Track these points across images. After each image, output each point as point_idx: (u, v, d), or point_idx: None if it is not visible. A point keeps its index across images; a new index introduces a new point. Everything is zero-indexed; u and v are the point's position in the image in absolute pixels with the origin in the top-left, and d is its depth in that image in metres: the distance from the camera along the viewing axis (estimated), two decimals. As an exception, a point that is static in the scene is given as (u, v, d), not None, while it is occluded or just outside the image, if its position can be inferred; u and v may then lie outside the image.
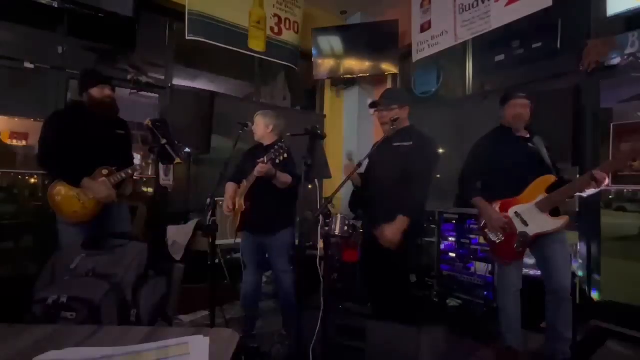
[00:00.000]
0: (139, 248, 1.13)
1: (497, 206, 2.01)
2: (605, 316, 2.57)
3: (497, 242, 2.00)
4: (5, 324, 0.86)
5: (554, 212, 1.89)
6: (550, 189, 1.87)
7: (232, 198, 2.27)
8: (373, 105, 2.09)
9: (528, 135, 2.02)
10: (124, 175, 2.00)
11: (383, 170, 2.01)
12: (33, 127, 4.02)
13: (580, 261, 2.67)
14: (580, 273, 2.65)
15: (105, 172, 1.98)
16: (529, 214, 1.90)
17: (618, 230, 3.17)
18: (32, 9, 2.79)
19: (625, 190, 3.18)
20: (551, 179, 1.87)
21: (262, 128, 2.31)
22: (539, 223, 1.88)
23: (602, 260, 2.63)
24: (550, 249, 1.90)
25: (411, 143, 1.95)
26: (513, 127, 2.01)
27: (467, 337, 2.46)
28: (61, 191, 1.96)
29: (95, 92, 2.04)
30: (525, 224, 1.91)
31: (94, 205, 1.96)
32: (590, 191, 1.79)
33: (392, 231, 1.80)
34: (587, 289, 2.64)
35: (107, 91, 2.04)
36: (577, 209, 2.71)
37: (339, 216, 3.09)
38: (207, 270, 1.86)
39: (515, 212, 1.93)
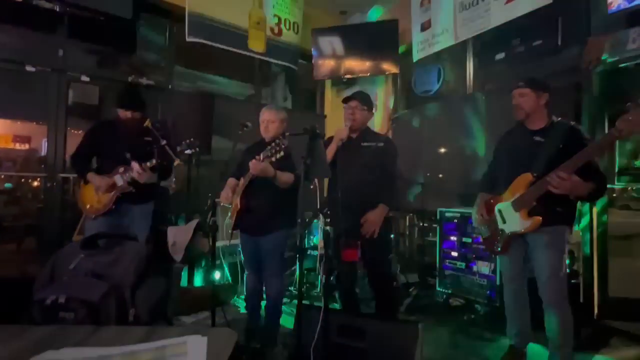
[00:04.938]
0: (138, 248, 1.13)
1: (487, 203, 2.00)
2: (610, 315, 2.55)
3: (483, 237, 2.06)
4: (2, 324, 0.86)
5: (544, 211, 1.74)
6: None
7: (232, 189, 2.26)
8: (348, 99, 2.26)
9: (542, 127, 1.84)
10: (132, 173, 2.19)
11: (356, 167, 2.16)
12: (36, 131, 4.05)
13: (581, 262, 2.65)
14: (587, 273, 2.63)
15: (121, 169, 2.21)
16: (507, 212, 1.86)
17: (622, 228, 3.15)
18: (33, 13, 2.81)
19: (629, 188, 3.15)
20: (528, 177, 1.76)
21: (278, 124, 2.23)
22: (512, 222, 1.83)
23: (605, 259, 2.62)
24: (535, 254, 1.83)
25: (383, 144, 2.20)
26: (517, 119, 1.92)
27: (470, 337, 2.45)
28: (84, 188, 2.28)
29: (120, 112, 2.26)
30: (504, 221, 1.88)
31: (107, 199, 2.22)
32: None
33: (376, 216, 2.08)
34: (593, 288, 2.62)
35: (128, 114, 2.24)
36: (580, 207, 2.69)
37: (339, 216, 3.09)
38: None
39: (498, 210, 1.91)
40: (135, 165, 2.15)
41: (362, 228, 2.09)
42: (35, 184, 3.78)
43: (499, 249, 1.94)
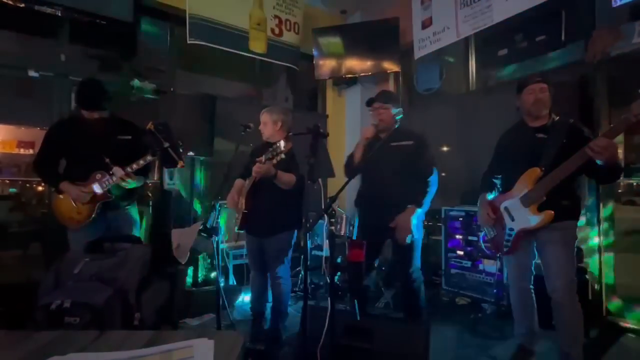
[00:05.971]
0: (142, 251, 1.12)
1: (490, 202, 1.99)
2: (619, 312, 2.51)
3: (490, 237, 2.01)
4: (8, 330, 0.86)
5: (553, 206, 1.74)
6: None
7: (238, 192, 2.25)
8: (370, 102, 2.24)
9: (544, 124, 1.85)
10: (113, 179, 2.01)
11: (384, 168, 2.13)
12: (39, 136, 4.06)
13: (586, 260, 2.62)
14: (595, 270, 2.60)
15: (98, 176, 2.01)
16: (515, 209, 1.84)
17: (628, 224, 3.11)
18: (35, 18, 2.82)
19: (634, 184, 3.11)
20: (536, 171, 1.76)
21: (270, 125, 2.24)
22: (522, 218, 1.81)
23: (613, 255, 2.58)
24: (545, 250, 1.82)
25: (412, 142, 2.13)
26: (533, 114, 1.86)
27: (477, 336, 2.42)
28: (59, 199, 2.05)
29: (83, 112, 2.09)
30: (512, 219, 1.85)
31: (87, 210, 2.01)
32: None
33: (406, 219, 2.01)
34: (599, 285, 2.58)
35: (94, 115, 2.08)
36: (587, 203, 2.66)
37: (344, 216, 3.08)
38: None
39: (505, 207, 1.88)
40: (118, 170, 1.98)
41: (395, 234, 2.05)
42: (40, 188, 3.79)
43: (507, 248, 1.90)
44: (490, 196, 2.05)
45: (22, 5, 2.71)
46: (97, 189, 2.00)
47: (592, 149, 1.55)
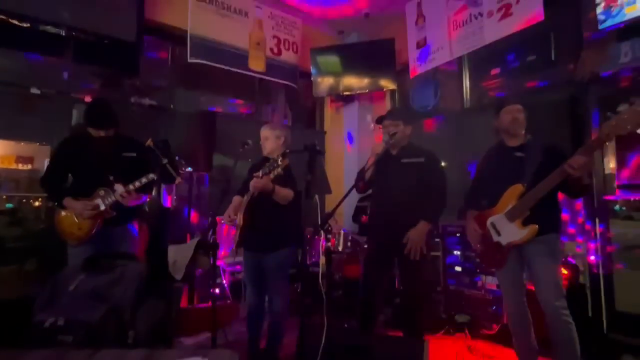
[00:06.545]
0: (138, 268, 1.12)
1: (477, 218, 2.04)
2: (619, 329, 2.49)
3: (478, 252, 2.07)
4: (1, 348, 0.85)
5: (536, 220, 1.80)
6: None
7: (235, 209, 2.26)
8: (380, 120, 2.29)
9: (521, 144, 1.95)
10: (114, 197, 2.03)
11: (394, 185, 2.17)
12: (38, 151, 4.09)
13: (585, 276, 2.61)
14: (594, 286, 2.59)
15: (102, 192, 2.03)
16: (501, 224, 1.90)
17: (627, 239, 3.11)
18: (40, 38, 2.89)
19: (632, 199, 3.14)
20: (519, 187, 1.83)
21: (273, 140, 2.26)
22: (508, 233, 1.87)
23: (612, 271, 2.58)
24: (532, 263, 1.86)
25: (423, 159, 2.18)
26: (510, 132, 1.97)
27: (477, 354, 2.39)
28: (62, 215, 2.07)
29: (91, 130, 2.13)
30: (499, 234, 1.91)
31: (88, 226, 2.03)
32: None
33: (417, 233, 2.04)
34: (598, 302, 2.57)
35: (101, 133, 2.12)
36: (585, 219, 2.67)
37: (342, 232, 3.08)
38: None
39: (491, 223, 1.94)
40: (119, 187, 2.00)
41: (406, 248, 2.05)
42: (37, 204, 3.78)
43: (496, 262, 1.95)
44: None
45: (27, 25, 2.79)
46: (100, 205, 2.03)
47: (571, 166, 1.64)
